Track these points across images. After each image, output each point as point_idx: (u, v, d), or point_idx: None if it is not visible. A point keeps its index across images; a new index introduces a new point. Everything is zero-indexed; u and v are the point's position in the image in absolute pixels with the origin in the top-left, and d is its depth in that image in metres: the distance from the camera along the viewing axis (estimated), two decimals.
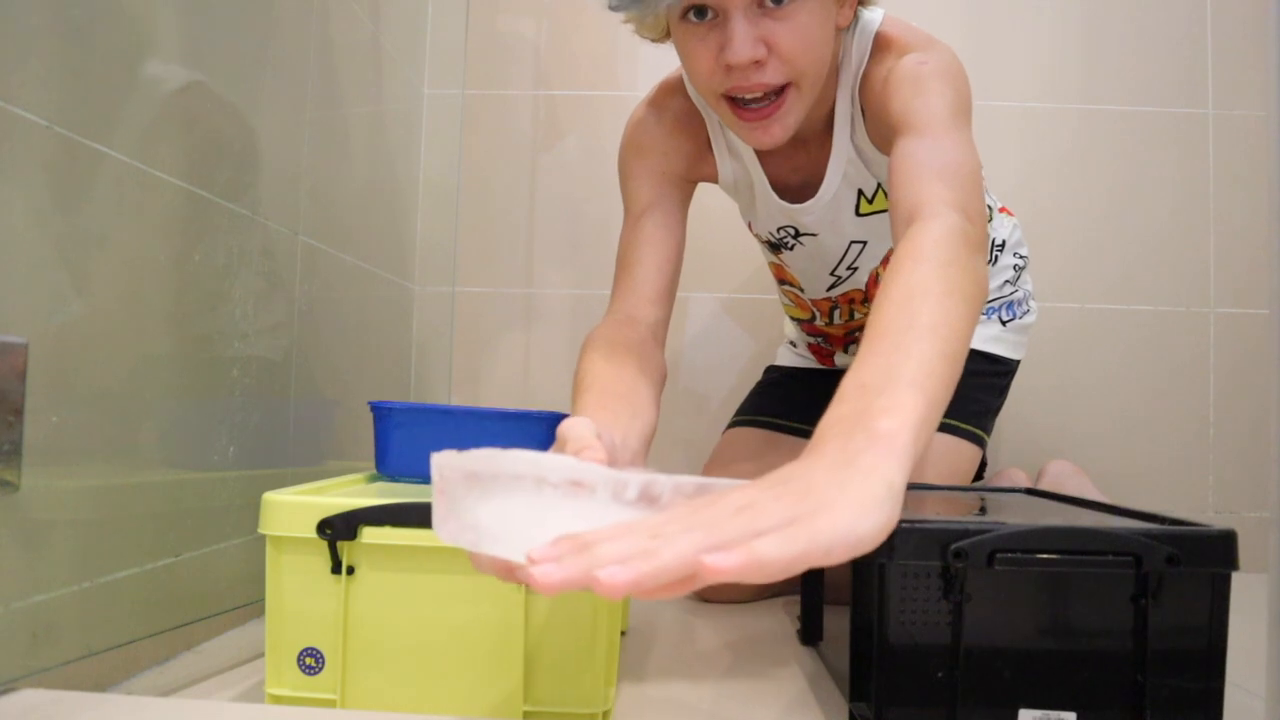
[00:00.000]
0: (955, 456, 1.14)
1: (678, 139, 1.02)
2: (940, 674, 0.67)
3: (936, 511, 0.81)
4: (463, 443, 0.83)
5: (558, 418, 0.87)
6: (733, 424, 1.32)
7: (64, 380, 0.67)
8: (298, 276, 1.04)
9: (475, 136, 1.58)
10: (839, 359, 1.30)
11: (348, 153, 1.23)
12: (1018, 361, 1.25)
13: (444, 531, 0.49)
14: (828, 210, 1.03)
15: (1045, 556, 0.66)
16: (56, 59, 0.66)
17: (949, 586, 0.67)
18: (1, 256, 0.61)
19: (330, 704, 0.67)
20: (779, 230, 1.10)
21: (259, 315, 0.94)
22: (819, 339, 1.29)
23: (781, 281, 1.23)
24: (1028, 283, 1.28)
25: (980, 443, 1.17)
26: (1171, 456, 1.52)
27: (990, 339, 1.21)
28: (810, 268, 1.14)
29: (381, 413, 0.85)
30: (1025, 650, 0.67)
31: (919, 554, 0.67)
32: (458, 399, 1.55)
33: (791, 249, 1.12)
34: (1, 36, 0.60)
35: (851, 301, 1.18)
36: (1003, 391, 1.23)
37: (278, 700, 0.68)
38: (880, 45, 0.92)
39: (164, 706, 0.66)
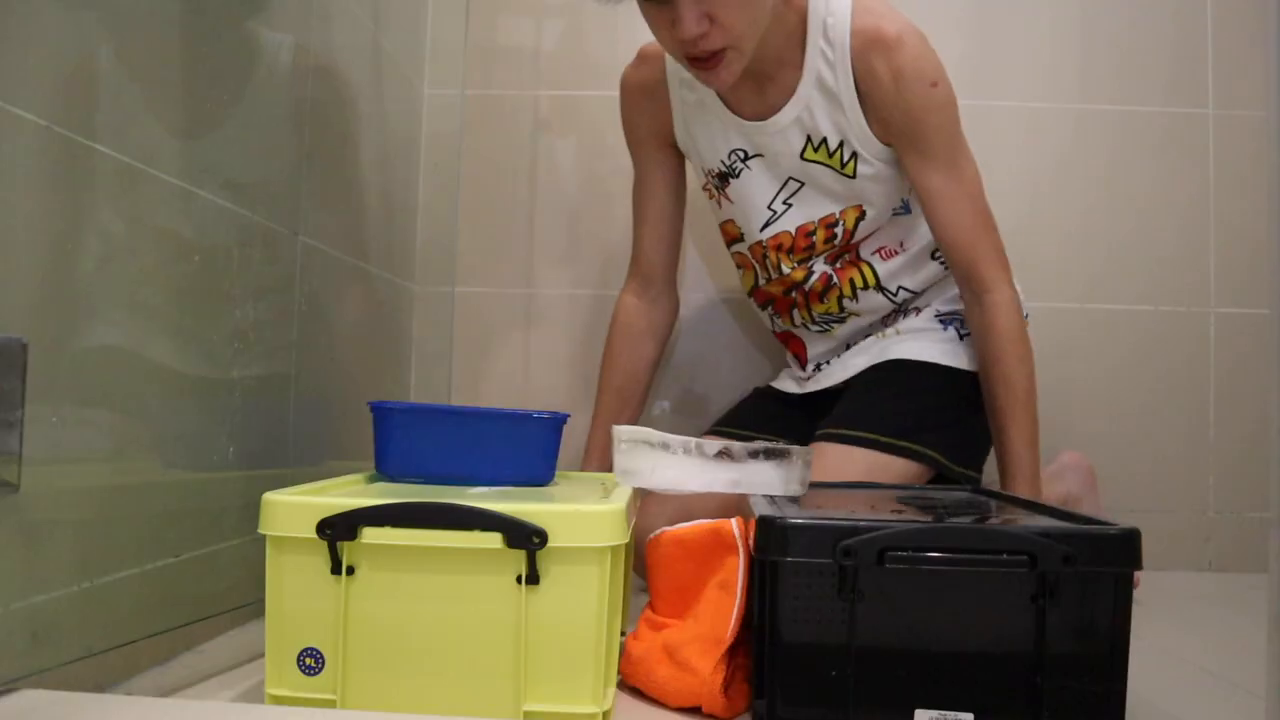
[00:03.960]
0: (865, 469, 1.12)
1: (641, 103, 1.27)
2: (834, 673, 0.67)
3: (852, 510, 0.81)
4: (463, 443, 0.84)
5: (558, 418, 0.87)
6: (712, 430, 1.35)
7: (64, 380, 0.67)
8: (298, 276, 1.04)
9: (475, 136, 1.57)
10: (794, 336, 1.32)
11: (348, 153, 1.23)
12: (965, 372, 1.20)
13: (626, 479, 0.84)
14: (777, 139, 1.17)
15: (936, 555, 0.66)
16: (56, 59, 0.66)
17: (842, 585, 0.67)
18: (1, 256, 0.61)
19: (330, 704, 0.67)
20: (730, 155, 1.22)
21: (259, 315, 0.94)
22: (776, 315, 1.32)
23: (731, 242, 1.30)
24: None
25: (919, 458, 1.14)
26: (1171, 456, 1.52)
27: (927, 350, 1.20)
28: (750, 198, 1.22)
29: (381, 413, 0.85)
30: (922, 650, 0.67)
31: (811, 551, 0.67)
32: (458, 399, 1.55)
33: (738, 176, 1.22)
34: (1, 36, 0.60)
35: (780, 248, 1.23)
36: (959, 405, 1.18)
37: (278, 700, 0.68)
38: (870, 33, 1.09)
39: (164, 707, 0.66)
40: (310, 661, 0.68)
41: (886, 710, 0.67)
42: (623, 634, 0.84)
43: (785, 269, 1.24)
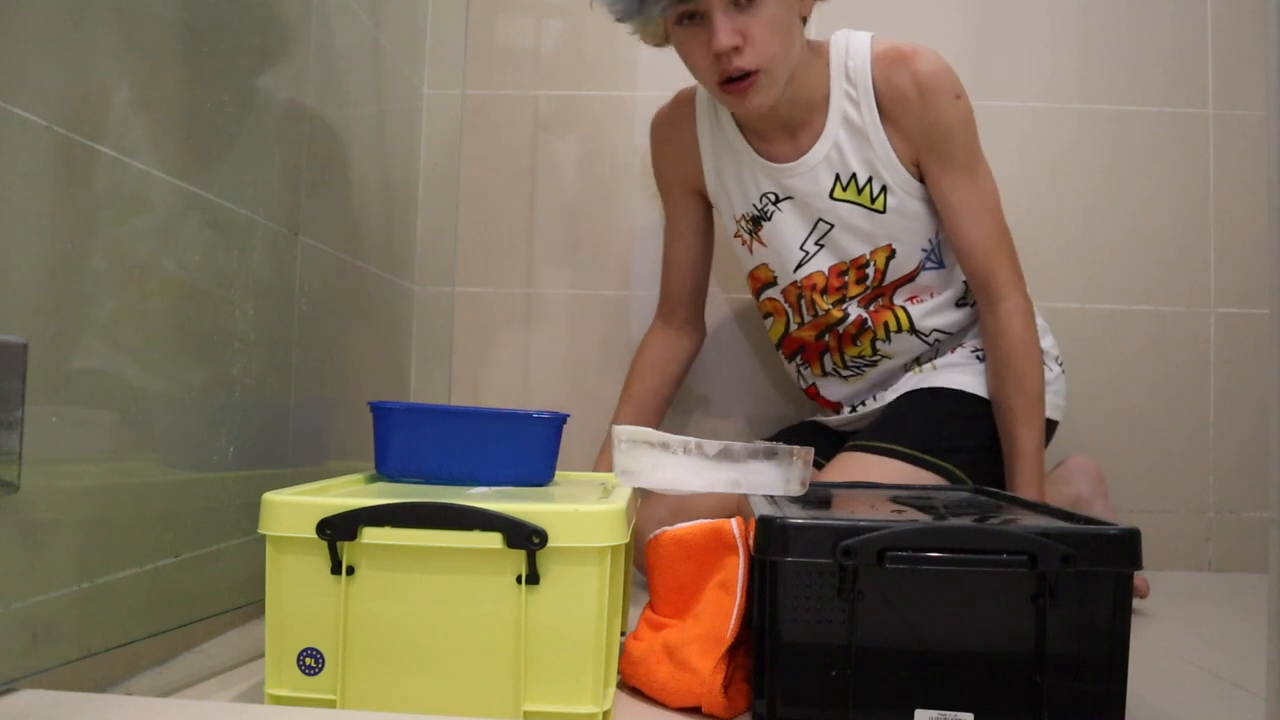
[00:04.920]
0: (888, 478, 1.12)
1: (670, 147, 1.32)
2: (834, 673, 0.67)
3: (852, 510, 0.81)
4: (463, 443, 0.84)
5: (558, 418, 0.87)
6: None
7: (64, 380, 0.67)
8: (298, 276, 1.04)
9: (475, 136, 1.57)
10: (824, 387, 1.32)
11: (348, 153, 1.23)
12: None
13: (626, 479, 0.83)
14: (808, 179, 1.20)
15: (936, 555, 0.66)
16: (56, 59, 0.66)
17: (842, 585, 0.67)
18: (1, 256, 0.61)
19: (330, 704, 0.67)
20: (761, 199, 1.24)
21: (259, 315, 0.94)
22: (804, 366, 1.32)
23: (762, 288, 1.31)
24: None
25: (945, 474, 1.15)
26: (1171, 456, 1.52)
27: (966, 380, 1.21)
28: (783, 240, 1.24)
29: (381, 413, 0.85)
30: (922, 650, 0.67)
31: (811, 551, 0.67)
32: (458, 399, 1.55)
33: (770, 219, 1.24)
34: (1, 36, 0.60)
35: (814, 288, 1.25)
36: (991, 434, 1.18)
37: (278, 700, 0.68)
38: (892, 53, 1.14)
39: (164, 707, 0.66)
40: (310, 661, 0.68)
41: (886, 710, 0.67)
42: (623, 634, 0.84)
43: (821, 309, 1.25)
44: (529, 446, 0.86)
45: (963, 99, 1.13)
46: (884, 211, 1.17)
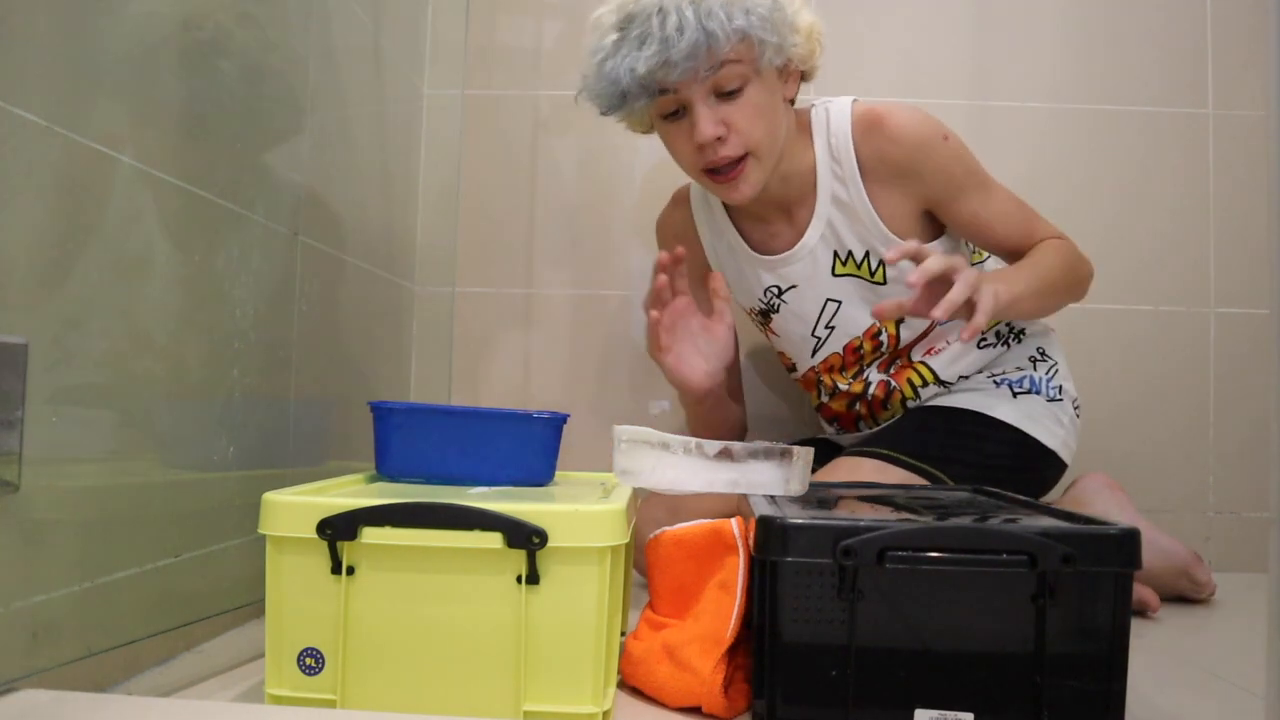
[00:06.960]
0: (872, 479, 1.11)
1: (675, 245, 1.25)
2: (834, 673, 0.67)
3: (852, 510, 0.81)
4: (463, 443, 0.84)
5: (558, 418, 0.87)
6: None
7: (64, 380, 0.67)
8: (298, 276, 1.04)
9: (475, 136, 1.57)
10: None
11: (348, 153, 1.23)
12: (1007, 425, 1.18)
13: (626, 479, 0.83)
14: (807, 263, 1.20)
15: (936, 555, 0.66)
16: (56, 59, 0.66)
17: (842, 584, 0.67)
18: (1, 256, 0.61)
19: (330, 704, 0.67)
20: (765, 292, 1.25)
21: (259, 315, 0.94)
22: (842, 431, 1.33)
23: (789, 370, 1.34)
24: (1042, 378, 1.25)
25: (929, 479, 1.12)
26: (1171, 457, 1.52)
27: (979, 401, 1.20)
28: (794, 330, 1.26)
29: (381, 413, 0.85)
30: (921, 650, 0.67)
31: (811, 551, 0.67)
32: (458, 399, 1.55)
33: (778, 310, 1.26)
34: (1, 36, 0.60)
35: (831, 369, 1.26)
36: (991, 451, 1.16)
37: (278, 700, 0.68)
38: (869, 120, 1.12)
39: (164, 707, 0.66)
40: (310, 661, 0.68)
41: (886, 710, 0.67)
42: (623, 634, 0.84)
43: (841, 386, 1.26)
44: (529, 446, 0.86)
45: (951, 138, 1.12)
46: (884, 284, 1.17)
